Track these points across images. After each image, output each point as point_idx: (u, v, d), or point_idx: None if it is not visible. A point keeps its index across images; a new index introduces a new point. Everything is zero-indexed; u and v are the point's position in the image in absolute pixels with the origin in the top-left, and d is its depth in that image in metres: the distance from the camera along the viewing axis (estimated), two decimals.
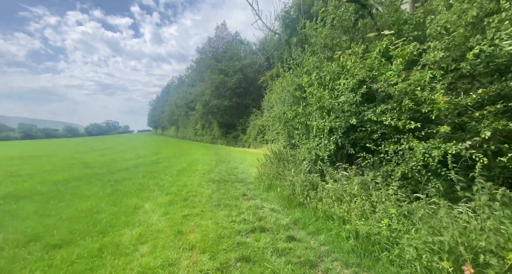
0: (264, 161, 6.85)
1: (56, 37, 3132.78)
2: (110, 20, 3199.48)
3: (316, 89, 4.25)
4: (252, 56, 25.96)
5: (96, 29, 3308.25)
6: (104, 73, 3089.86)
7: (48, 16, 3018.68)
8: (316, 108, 4.33)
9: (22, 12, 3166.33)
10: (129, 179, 6.94)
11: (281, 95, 6.50)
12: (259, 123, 20.15)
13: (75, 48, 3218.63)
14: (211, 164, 10.63)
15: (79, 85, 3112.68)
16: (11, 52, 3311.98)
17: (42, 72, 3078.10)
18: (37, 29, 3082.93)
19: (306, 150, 4.80)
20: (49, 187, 5.81)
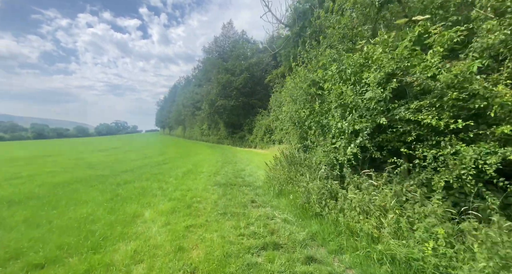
0: (273, 164, 6.40)
1: (67, 39, 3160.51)
2: (119, 22, 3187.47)
3: (335, 84, 3.76)
4: (258, 55, 25.50)
5: (105, 31, 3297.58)
6: (113, 74, 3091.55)
7: (60, 19, 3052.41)
8: (335, 106, 3.84)
9: (34, 15, 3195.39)
10: (132, 182, 6.61)
11: (292, 92, 6.02)
12: (266, 123, 19.68)
13: (85, 49, 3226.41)
14: (217, 165, 10.26)
15: (90, 86, 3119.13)
16: (24, 54, 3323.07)
17: (54, 73, 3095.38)
18: (49, 31, 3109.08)
19: (322, 153, 4.31)
20: (47, 191, 5.53)
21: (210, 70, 27.25)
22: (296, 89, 5.66)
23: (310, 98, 5.17)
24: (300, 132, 5.91)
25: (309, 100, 5.29)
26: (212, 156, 14.28)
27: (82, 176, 7.60)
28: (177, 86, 63.35)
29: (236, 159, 12.99)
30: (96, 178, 7.18)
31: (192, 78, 45.94)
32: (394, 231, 2.41)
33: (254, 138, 21.87)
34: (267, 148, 18.50)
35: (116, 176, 7.55)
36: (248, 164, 10.73)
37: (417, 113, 2.73)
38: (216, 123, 30.20)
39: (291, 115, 6.13)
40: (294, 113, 5.83)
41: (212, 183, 6.51)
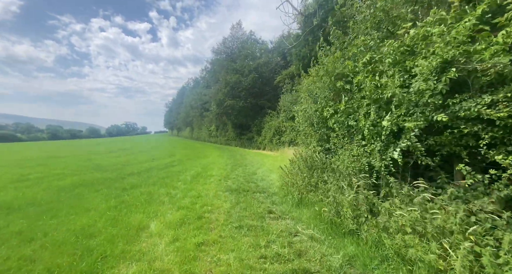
0: (289, 168, 5.85)
1: (81, 43, 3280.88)
2: (130, 26, 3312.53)
3: (368, 76, 3.20)
4: (267, 55, 25.03)
5: (117, 35, 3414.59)
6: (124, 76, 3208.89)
7: (74, 24, 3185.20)
8: (368, 103, 3.28)
9: (50, 21, 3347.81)
10: (138, 186, 6.23)
11: (312, 89, 5.47)
12: (275, 124, 19.11)
13: (98, 53, 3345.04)
14: (226, 168, 9.80)
15: (102, 88, 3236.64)
16: (40, 58, 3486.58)
17: (68, 76, 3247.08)
18: (64, 36, 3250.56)
19: (350, 158, 3.75)
20: (50, 196, 5.22)
21: (218, 71, 27.00)
22: (317, 86, 5.11)
23: (334, 95, 4.61)
24: (320, 133, 5.35)
25: (332, 98, 4.72)
26: (221, 159, 13.87)
27: (89, 179, 7.31)
28: (185, 87, 63.80)
29: (246, 161, 12.51)
30: (103, 182, 6.85)
31: (200, 80, 46.02)
32: (470, 265, 1.83)
33: (263, 139, 21.34)
34: (276, 150, 17.91)
35: (123, 180, 7.22)
36: (259, 167, 10.22)
37: (489, 109, 2.15)
38: (224, 124, 29.91)
39: (310, 115, 5.58)
40: (314, 113, 5.28)
41: (223, 188, 6.03)
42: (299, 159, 5.44)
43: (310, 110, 5.45)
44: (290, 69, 19.42)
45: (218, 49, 28.24)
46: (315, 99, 5.52)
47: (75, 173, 8.50)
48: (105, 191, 5.70)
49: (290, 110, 16.34)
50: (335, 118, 4.45)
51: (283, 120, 17.69)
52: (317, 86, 5.06)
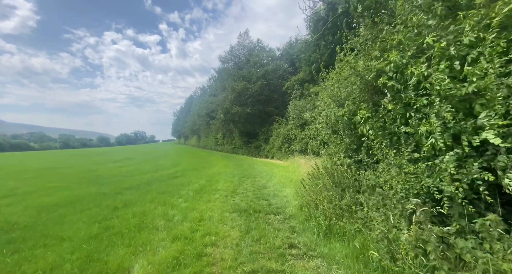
0: (309, 184, 4.89)
1: (94, 55, 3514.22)
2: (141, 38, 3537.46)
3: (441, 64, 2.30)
4: (275, 62, 24.51)
5: (128, 47, 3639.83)
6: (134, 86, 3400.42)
7: (88, 37, 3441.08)
8: (440, 100, 2.36)
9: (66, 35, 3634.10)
10: (133, 204, 5.41)
11: (334, 92, 4.59)
12: (284, 132, 18.17)
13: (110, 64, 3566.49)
14: (234, 180, 8.89)
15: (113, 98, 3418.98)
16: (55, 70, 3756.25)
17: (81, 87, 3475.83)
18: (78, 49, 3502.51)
19: (401, 176, 2.80)
20: (28, 217, 4.45)
21: (225, 79, 26.63)
22: (342, 86, 4.23)
23: (368, 96, 3.71)
24: (349, 142, 4.41)
25: (364, 99, 3.82)
26: (227, 169, 12.98)
27: (81, 194, 6.55)
28: (193, 96, 64.26)
29: (255, 172, 11.57)
30: (95, 198, 6.07)
31: (207, 88, 46.07)
32: None
33: (271, 148, 20.39)
34: (286, 159, 16.88)
35: (118, 195, 6.42)
36: (269, 179, 9.26)
37: None
38: (230, 132, 29.26)
39: (333, 120, 4.68)
40: (339, 118, 4.37)
41: (230, 207, 5.11)
42: (323, 174, 4.49)
43: (334, 115, 4.55)
44: (299, 75, 18.70)
45: (225, 58, 28.03)
46: (340, 102, 4.64)
47: (69, 186, 7.79)
48: (93, 211, 4.88)
49: (300, 117, 15.46)
50: (371, 123, 3.53)
51: (292, 127, 16.75)
52: (344, 86, 4.18)
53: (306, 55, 16.94)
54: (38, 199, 5.88)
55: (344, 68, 4.46)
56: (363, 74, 3.51)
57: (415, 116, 2.97)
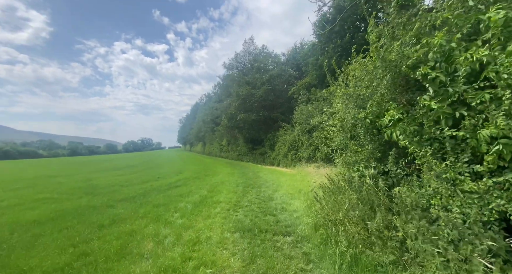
0: (325, 199, 4.14)
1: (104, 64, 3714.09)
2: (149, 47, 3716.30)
3: None
4: (281, 66, 24.08)
5: (136, 56, 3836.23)
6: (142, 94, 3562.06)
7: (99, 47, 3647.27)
8: (510, 95, 1.68)
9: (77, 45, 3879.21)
10: (122, 221, 4.76)
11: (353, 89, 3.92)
12: (290, 139, 17.40)
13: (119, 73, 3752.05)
14: (237, 191, 8.19)
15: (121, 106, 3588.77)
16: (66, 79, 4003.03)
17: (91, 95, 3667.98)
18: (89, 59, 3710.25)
19: (461, 198, 2.08)
20: None
21: (230, 85, 26.31)
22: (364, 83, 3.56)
23: (400, 92, 3.03)
24: (371, 149, 3.70)
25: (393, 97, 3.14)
26: (231, 177, 12.28)
27: (69, 207, 5.96)
28: (198, 103, 64.51)
29: (260, 181, 10.83)
30: (82, 212, 5.46)
31: (212, 95, 46.04)
32: None
33: (277, 154, 19.62)
34: (292, 166, 16.07)
35: (108, 209, 5.80)
36: (276, 189, 8.51)
37: None
38: (235, 138, 28.72)
39: (353, 123, 3.99)
40: (360, 121, 3.69)
41: (232, 225, 4.40)
42: (344, 187, 3.74)
43: (352, 117, 3.86)
44: (305, 79, 18.13)
45: (230, 64, 27.80)
46: (359, 103, 3.96)
47: (59, 198, 7.23)
48: (74, 230, 4.25)
49: (307, 122, 14.74)
50: (402, 127, 2.84)
51: (299, 133, 16.00)
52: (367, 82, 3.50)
53: (313, 58, 16.41)
54: (19, 214, 5.30)
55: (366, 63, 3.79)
56: (396, 65, 2.83)
57: (468, 116, 2.27)
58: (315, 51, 16.27)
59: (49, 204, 6.29)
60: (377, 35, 3.57)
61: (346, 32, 13.77)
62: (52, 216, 5.07)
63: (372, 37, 3.38)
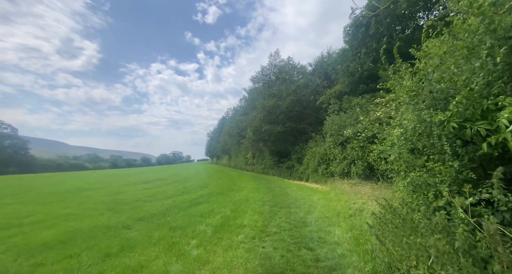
0: (387, 236, 2.99)
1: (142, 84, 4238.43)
2: (181, 67, 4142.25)
3: None
4: (307, 76, 23.18)
5: (170, 75, 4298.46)
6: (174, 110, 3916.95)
7: (138, 69, 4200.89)
8: None
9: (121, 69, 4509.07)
10: (133, 248, 4.14)
11: (428, 82, 2.85)
12: (321, 151, 15.90)
13: (155, 92, 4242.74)
14: (263, 211, 7.20)
15: (156, 122, 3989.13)
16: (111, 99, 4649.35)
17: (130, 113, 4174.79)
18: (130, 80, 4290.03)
19: None
20: None
21: (256, 98, 26.09)
22: (446, 68, 2.51)
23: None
24: (459, 167, 2.53)
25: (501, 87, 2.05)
26: (256, 193, 11.33)
27: (87, 227, 5.61)
28: (225, 117, 66.06)
29: (289, 199, 9.68)
30: (95, 234, 5.02)
31: (239, 108, 46.65)
32: None
33: (305, 169, 18.12)
34: (324, 182, 14.51)
35: (123, 231, 5.29)
36: (308, 210, 7.32)
37: None
38: (260, 151, 27.92)
39: (423, 130, 2.89)
40: (441, 127, 2.59)
41: (258, 265, 3.43)
42: (419, 222, 2.58)
43: (423, 122, 2.77)
44: (335, 88, 16.88)
45: (256, 78, 27.79)
46: (432, 102, 2.86)
47: (81, 214, 7.05)
48: (79, 259, 3.71)
49: (339, 133, 13.33)
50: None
51: (330, 146, 14.53)
52: (452, 67, 2.44)
53: (343, 65, 15.25)
54: (35, 233, 5.06)
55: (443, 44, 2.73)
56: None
57: None
58: (346, 58, 15.13)
59: (69, 222, 6.06)
60: None
61: (382, 34, 12.53)
62: (63, 238, 4.69)
63: None
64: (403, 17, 12.24)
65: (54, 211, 7.40)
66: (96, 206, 8.32)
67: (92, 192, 12.49)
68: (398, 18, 12.21)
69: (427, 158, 3.05)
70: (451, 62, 2.41)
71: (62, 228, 5.45)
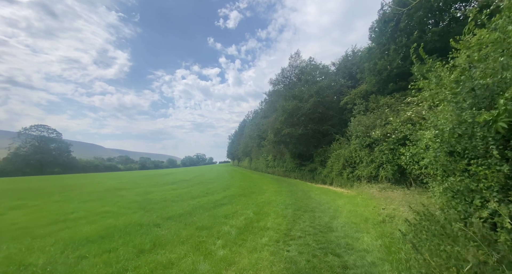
0: (425, 245, 2.78)
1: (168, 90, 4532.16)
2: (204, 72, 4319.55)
3: None
4: (330, 77, 22.53)
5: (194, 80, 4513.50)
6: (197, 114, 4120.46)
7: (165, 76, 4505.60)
8: None
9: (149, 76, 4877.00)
10: (163, 246, 4.38)
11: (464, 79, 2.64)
12: (346, 154, 15.26)
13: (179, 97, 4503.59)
14: (286, 214, 7.13)
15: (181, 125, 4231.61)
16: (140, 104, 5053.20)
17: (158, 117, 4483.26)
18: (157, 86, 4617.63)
19: None
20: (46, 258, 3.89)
21: (276, 101, 25.98)
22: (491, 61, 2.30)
23: None
24: (509, 172, 2.28)
25: None
26: (278, 196, 11.25)
27: (122, 224, 6.06)
28: (245, 120, 66.85)
29: (312, 203, 9.46)
30: (130, 231, 5.40)
31: (259, 111, 46.91)
32: None
33: (329, 172, 17.51)
34: (349, 186, 13.92)
35: (154, 229, 5.62)
36: (333, 214, 7.08)
37: None
38: (281, 153, 27.65)
39: (463, 131, 2.66)
40: (486, 128, 2.36)
41: (284, 268, 3.41)
42: (460, 231, 2.37)
43: (464, 122, 2.55)
44: (361, 87, 16.18)
45: (276, 80, 27.70)
46: (474, 101, 2.62)
47: (117, 212, 7.63)
48: (116, 253, 4.03)
49: (366, 135, 12.70)
50: None
51: (356, 148, 13.88)
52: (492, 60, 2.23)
53: (370, 63, 14.54)
54: (79, 228, 5.61)
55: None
56: None
57: None
58: (373, 55, 14.43)
59: (106, 219, 6.61)
60: None
61: (413, 28, 11.75)
62: (103, 234, 5.13)
63: None
64: (437, 10, 11.36)
65: (94, 209, 8.13)
66: (129, 205, 8.94)
67: (125, 192, 13.45)
68: (431, 10, 11.36)
69: (469, 162, 2.79)
70: (497, 54, 2.18)
71: (101, 224, 5.96)
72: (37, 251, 4.28)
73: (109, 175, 38.26)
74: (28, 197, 12.54)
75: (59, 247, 4.37)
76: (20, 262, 3.70)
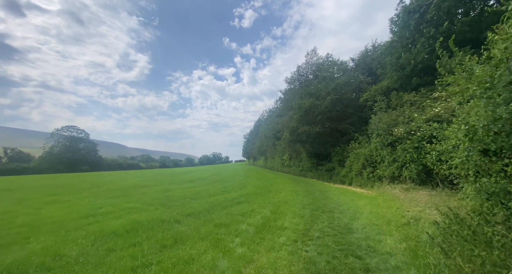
0: (457, 250, 2.61)
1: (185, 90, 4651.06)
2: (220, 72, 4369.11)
3: None
4: (349, 73, 21.74)
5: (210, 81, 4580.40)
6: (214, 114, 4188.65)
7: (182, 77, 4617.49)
8: None
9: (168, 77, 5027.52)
10: (184, 241, 4.55)
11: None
12: (366, 153, 14.68)
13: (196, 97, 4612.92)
14: (304, 214, 7.05)
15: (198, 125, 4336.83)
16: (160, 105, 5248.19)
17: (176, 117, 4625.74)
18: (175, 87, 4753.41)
19: None
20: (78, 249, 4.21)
21: (292, 99, 25.62)
22: None
23: None
24: None
25: None
26: (295, 196, 11.14)
27: (145, 219, 6.37)
28: (260, 119, 66.90)
29: (331, 203, 9.25)
30: (153, 226, 5.67)
31: (274, 110, 46.67)
32: None
33: (348, 171, 16.98)
34: (369, 187, 13.40)
35: (175, 224, 5.84)
36: (353, 215, 6.88)
37: None
38: (297, 153, 27.31)
39: (500, 128, 2.45)
40: None
41: (303, 268, 3.39)
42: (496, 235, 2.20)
43: (501, 121, 2.35)
44: (382, 83, 15.46)
45: (291, 78, 27.26)
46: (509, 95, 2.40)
47: (140, 208, 8.03)
48: (141, 247, 4.25)
49: (389, 133, 12.12)
50: None
51: (377, 147, 13.29)
52: None
53: (392, 58, 13.83)
54: (106, 222, 5.99)
55: None
56: None
57: None
58: (395, 50, 13.72)
59: (131, 214, 6.98)
60: None
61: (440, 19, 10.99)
62: (128, 228, 5.43)
63: None
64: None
65: (119, 205, 8.63)
66: (151, 201, 9.36)
67: (147, 189, 14.10)
68: None
69: (508, 162, 2.56)
70: None
71: (126, 219, 6.32)
72: (70, 243, 4.65)
73: (132, 173, 40.35)
74: (61, 192, 13.62)
75: (90, 239, 4.71)
76: (56, 253, 4.04)
